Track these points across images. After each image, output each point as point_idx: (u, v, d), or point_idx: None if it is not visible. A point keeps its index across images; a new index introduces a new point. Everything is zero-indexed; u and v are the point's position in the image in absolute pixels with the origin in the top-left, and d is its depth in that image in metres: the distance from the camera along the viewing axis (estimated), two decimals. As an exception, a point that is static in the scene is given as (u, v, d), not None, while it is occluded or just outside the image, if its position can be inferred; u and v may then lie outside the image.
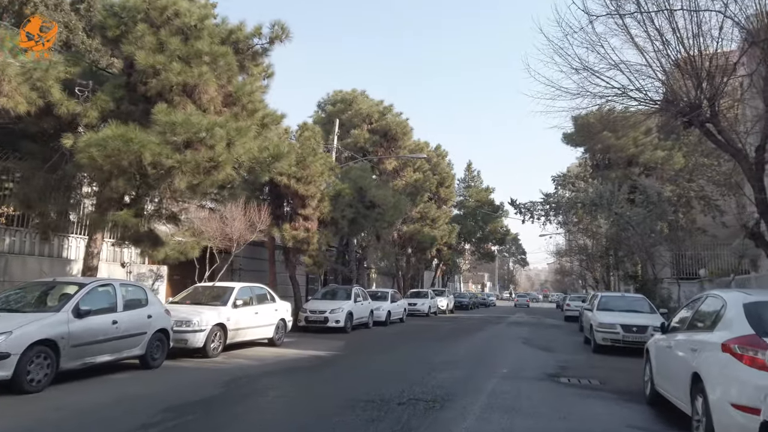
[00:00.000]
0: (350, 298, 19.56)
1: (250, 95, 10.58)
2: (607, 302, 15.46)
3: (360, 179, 19.64)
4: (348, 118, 26.22)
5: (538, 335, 19.66)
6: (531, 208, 36.48)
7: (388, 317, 22.91)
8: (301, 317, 18.56)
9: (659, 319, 13.93)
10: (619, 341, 13.41)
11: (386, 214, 19.57)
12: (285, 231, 16.94)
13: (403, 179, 31.50)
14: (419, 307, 30.76)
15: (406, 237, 32.68)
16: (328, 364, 10.98)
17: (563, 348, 15.16)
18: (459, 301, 42.83)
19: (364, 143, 25.88)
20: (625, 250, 33.33)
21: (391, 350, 14.05)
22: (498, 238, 45.16)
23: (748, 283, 16.30)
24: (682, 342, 5.88)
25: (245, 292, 13.00)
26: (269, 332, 13.56)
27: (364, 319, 20.55)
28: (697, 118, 8.93)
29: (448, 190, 36.70)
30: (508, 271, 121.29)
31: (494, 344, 15.92)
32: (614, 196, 30.01)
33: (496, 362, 11.66)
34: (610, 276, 38.07)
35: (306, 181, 16.63)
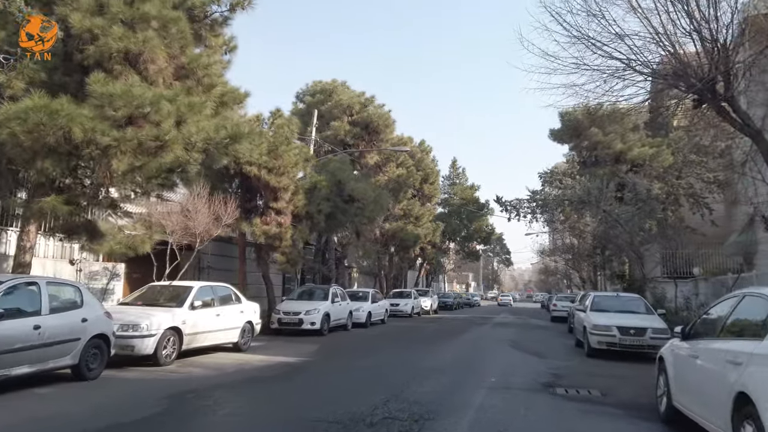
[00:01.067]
0: (327, 299, 18.33)
1: (207, 68, 9.31)
2: (601, 302, 14.43)
3: (338, 172, 18.41)
4: (328, 110, 24.95)
5: (526, 337, 18.61)
6: (517, 205, 35.59)
7: (369, 318, 21.72)
8: (274, 319, 17.30)
9: (658, 320, 12.95)
10: (615, 345, 12.37)
11: (366, 209, 18.36)
12: (255, 226, 15.64)
13: (386, 175, 30.32)
14: (402, 307, 29.61)
15: (388, 235, 31.49)
16: (296, 373, 9.75)
17: (554, 352, 14.09)
18: (443, 301, 41.79)
19: (345, 136, 24.64)
20: (612, 248, 32.58)
21: (368, 355, 12.86)
22: (483, 236, 44.18)
23: (751, 282, 15.42)
24: (716, 352, 4.78)
25: (205, 292, 11.71)
26: (234, 336, 12.27)
27: (343, 320, 19.34)
28: (710, 95, 7.90)
29: (432, 187, 35.58)
30: (492, 270, 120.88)
31: (480, 348, 14.81)
32: (602, 193, 29.20)
33: (483, 369, 10.53)
34: (597, 275, 37.30)
35: (278, 172, 15.36)
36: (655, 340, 12.21)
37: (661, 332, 12.30)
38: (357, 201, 18.12)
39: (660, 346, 12.89)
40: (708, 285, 18.80)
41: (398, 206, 31.48)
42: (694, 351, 5.24)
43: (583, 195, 30.06)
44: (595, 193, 29.13)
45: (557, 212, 34.22)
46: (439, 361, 11.62)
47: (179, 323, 10.34)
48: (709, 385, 4.77)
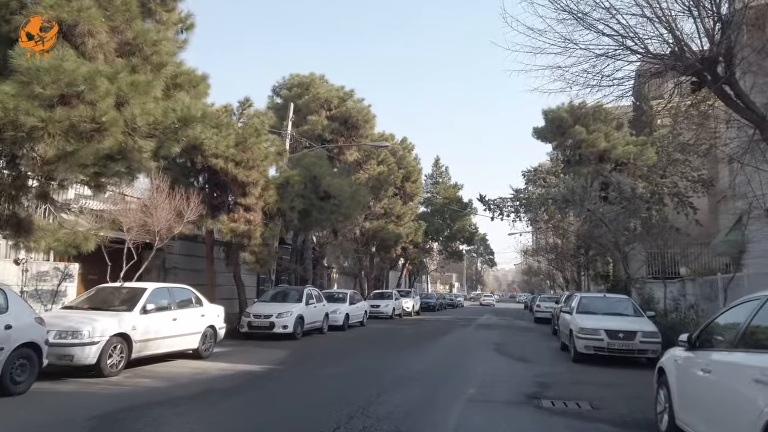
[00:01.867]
0: (301, 301, 17.38)
1: (155, 45, 8.32)
2: (588, 304, 13.71)
3: (313, 167, 17.47)
4: (305, 104, 23.96)
5: (510, 340, 17.86)
6: (500, 204, 34.96)
7: (347, 321, 20.81)
8: (243, 323, 16.33)
9: (647, 323, 12.25)
10: (603, 349, 11.63)
11: (343, 206, 17.43)
12: (222, 223, 14.64)
13: (366, 172, 29.44)
14: (382, 309, 28.76)
15: (369, 234, 30.60)
16: (256, 384, 8.81)
17: (539, 356, 13.32)
18: (425, 302, 41.00)
19: (322, 131, 23.67)
20: (596, 248, 32.09)
21: (341, 362, 11.95)
22: (466, 236, 43.47)
23: (741, 282, 14.84)
24: (737, 367, 3.98)
25: (161, 295, 10.70)
26: (193, 342, 11.28)
27: (318, 323, 18.40)
28: (711, 77, 7.17)
29: (414, 186, 34.75)
30: (476, 271, 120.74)
31: (461, 352, 13.99)
32: (586, 192, 28.65)
33: (463, 377, 9.69)
34: (581, 276, 36.82)
35: (247, 166, 14.37)
36: (646, 344, 11.54)
37: (651, 336, 11.61)
38: (333, 198, 17.19)
39: (650, 351, 12.26)
40: (696, 285, 18.22)
41: (379, 205, 30.60)
42: (706, 364, 4.44)
43: (567, 194, 29.50)
44: (579, 192, 28.56)
45: (541, 211, 33.64)
46: (415, 367, 10.76)
47: (128, 329, 9.33)
48: (727, 406, 3.97)
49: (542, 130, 36.48)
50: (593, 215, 27.50)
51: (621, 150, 32.98)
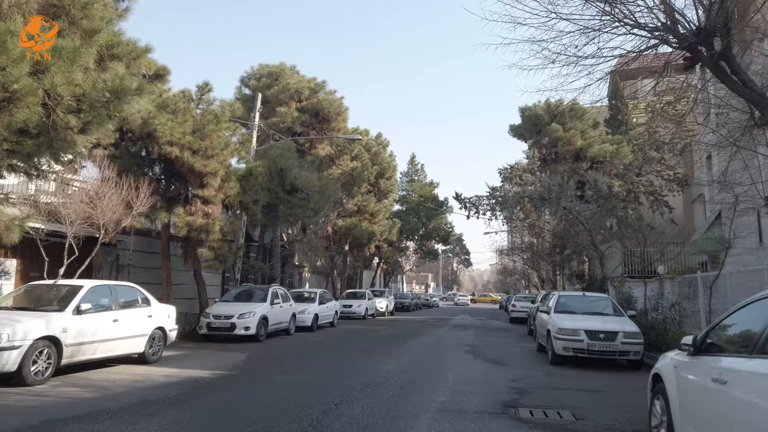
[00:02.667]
0: (266, 301, 16.39)
1: (86, 8, 7.29)
2: (567, 303, 13.03)
3: (280, 159, 16.48)
4: (274, 95, 22.89)
5: (485, 341, 17.14)
6: (476, 202, 34.30)
7: (315, 321, 19.87)
8: (203, 324, 15.27)
9: (629, 323, 11.62)
10: (583, 351, 10.94)
11: (311, 200, 16.47)
12: (178, 216, 13.55)
13: (339, 167, 28.49)
14: (355, 309, 27.87)
15: (341, 232, 29.65)
16: (200, 394, 7.83)
17: (515, 359, 12.59)
18: (400, 302, 40.22)
19: (292, 123, 22.63)
20: (572, 247, 31.73)
21: (303, 366, 11.03)
22: (442, 235, 42.81)
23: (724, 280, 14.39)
24: (760, 377, 3.20)
25: (100, 294, 9.64)
26: (139, 346, 10.24)
27: (284, 324, 17.43)
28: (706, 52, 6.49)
29: (389, 183, 33.89)
30: (452, 271, 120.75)
31: (434, 355, 13.18)
32: (563, 190, 28.23)
33: (433, 383, 8.87)
34: (556, 275, 36.47)
35: (205, 155, 13.33)
36: (627, 345, 10.89)
37: (633, 336, 10.98)
38: (301, 191, 16.22)
39: (631, 352, 11.58)
40: (674, 284, 17.79)
41: (352, 201, 29.68)
42: (719, 373, 3.67)
43: (544, 191, 29.05)
44: (555, 190, 28.12)
45: (517, 210, 33.13)
46: (383, 372, 9.90)
47: (57, 332, 8.27)
48: (748, 424, 3.19)
49: (519, 128, 36.07)
50: (569, 213, 27.10)
51: (597, 148, 32.76)
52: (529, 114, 35.00)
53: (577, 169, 32.56)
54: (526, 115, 35.22)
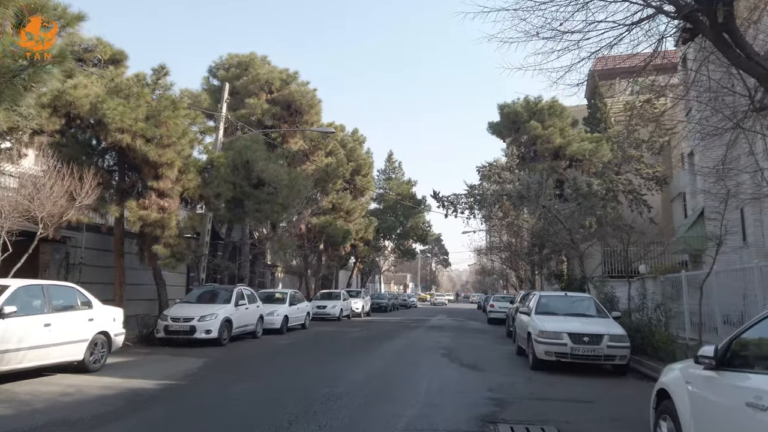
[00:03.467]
0: (230, 302, 15.37)
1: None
2: (548, 303, 12.29)
3: (246, 150, 15.46)
4: (243, 85, 21.80)
5: (462, 343, 16.35)
6: (454, 201, 33.68)
7: (285, 323, 18.87)
8: (160, 326, 14.18)
9: (614, 325, 10.91)
10: (566, 355, 10.19)
11: (279, 195, 15.48)
12: (130, 209, 12.45)
13: (314, 163, 27.51)
14: (329, 310, 26.91)
15: (316, 230, 28.64)
16: (134, 411, 6.82)
17: (493, 363, 11.80)
18: (377, 302, 39.35)
19: (262, 115, 21.57)
20: (551, 246, 31.30)
21: (264, 374, 10.07)
22: (419, 234, 42.05)
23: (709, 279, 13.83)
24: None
25: (30, 294, 8.55)
26: (77, 352, 9.17)
27: (251, 327, 16.41)
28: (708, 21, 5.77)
29: (365, 180, 32.99)
30: (430, 271, 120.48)
31: (407, 359, 12.32)
32: (542, 188, 27.71)
33: (404, 393, 8.00)
34: (535, 275, 35.99)
35: (160, 143, 12.25)
36: (613, 349, 10.17)
37: (619, 340, 10.26)
38: (268, 185, 15.22)
39: (617, 357, 10.78)
40: (657, 284, 17.26)
41: (326, 199, 28.71)
42: (758, 396, 2.87)
43: (523, 189, 28.50)
44: (534, 188, 27.57)
45: (495, 208, 32.55)
46: (351, 380, 9.01)
47: (-29, 339, 7.19)
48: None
49: (497, 125, 35.48)
50: (548, 212, 26.60)
51: (576, 146, 32.34)
52: (508, 111, 34.44)
53: (556, 167, 32.11)
54: (504, 112, 34.66)
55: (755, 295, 12.52)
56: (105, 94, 12.12)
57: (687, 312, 14.31)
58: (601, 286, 15.22)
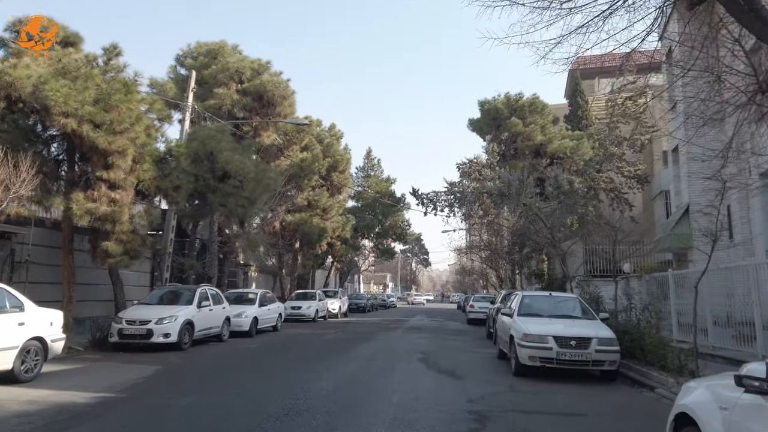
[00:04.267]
0: (192, 303, 14.31)
1: None
2: (531, 304, 11.50)
3: (210, 141, 14.40)
4: (212, 74, 20.65)
5: (441, 346, 15.53)
6: (434, 198, 32.91)
7: (255, 326, 17.84)
8: (113, 330, 13.06)
9: (602, 327, 10.16)
10: (551, 360, 9.39)
11: (245, 189, 14.44)
12: (76, 202, 11.30)
13: (288, 158, 26.45)
14: (304, 311, 25.89)
15: (290, 228, 27.58)
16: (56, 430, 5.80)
17: (474, 369, 10.97)
18: (355, 302, 38.44)
19: (232, 106, 20.45)
20: (531, 245, 30.74)
21: (217, 384, 9.06)
22: (398, 233, 41.16)
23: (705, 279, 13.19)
24: None
25: (-58, 296, 7.45)
26: (5, 361, 8.07)
27: (215, 329, 15.36)
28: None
29: (342, 176, 31.99)
30: (410, 271, 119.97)
31: (381, 365, 11.41)
32: (523, 185, 27.11)
33: (372, 406, 7.10)
34: (515, 274, 35.42)
35: (111, 130, 11.14)
36: (602, 353, 9.40)
37: (608, 343, 9.50)
38: (233, 178, 14.18)
39: (606, 362, 9.70)
40: (642, 283, 16.66)
41: (302, 195, 27.67)
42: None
43: (504, 187, 27.86)
44: (515, 185, 26.95)
45: (476, 206, 31.86)
46: (316, 390, 8.07)
47: None
48: None
49: (478, 122, 34.83)
50: (529, 210, 26.00)
51: (557, 144, 31.82)
52: (489, 108, 33.81)
53: (537, 165, 31.58)
54: (485, 108, 34.02)
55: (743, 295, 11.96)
56: (50, 75, 10.97)
57: (674, 312, 13.69)
58: (585, 286, 14.50)
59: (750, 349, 10.90)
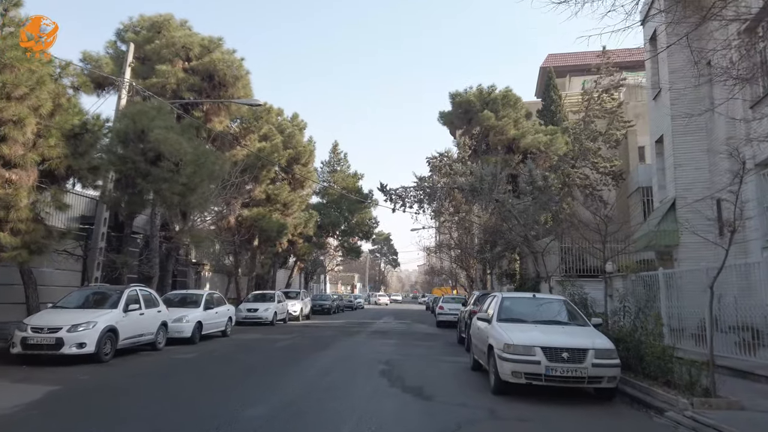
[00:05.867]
0: (117, 306, 12.21)
1: None
2: (512, 308, 9.82)
3: (142, 117, 12.32)
4: (155, 50, 18.42)
5: (407, 354, 13.80)
6: (403, 194, 31.21)
7: (198, 331, 15.78)
8: (17, 339, 10.89)
9: (598, 336, 8.57)
10: (539, 377, 7.73)
11: (182, 173, 12.40)
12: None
13: (245, 148, 24.33)
14: (261, 313, 23.84)
15: (247, 224, 25.46)
16: None
17: (446, 385, 9.25)
18: (319, 304, 36.45)
19: (177, 86, 18.26)
20: (503, 243, 29.34)
21: (119, 411, 7.08)
22: (365, 231, 39.28)
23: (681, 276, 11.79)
24: None
25: None
26: None
27: (148, 336, 13.28)
28: None
29: (305, 170, 29.97)
30: (379, 272, 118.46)
31: (335, 380, 9.59)
32: (496, 180, 25.64)
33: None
34: (486, 274, 34.04)
35: (3, 94, 9.01)
36: (600, 368, 7.78)
37: (607, 356, 7.90)
38: (167, 160, 12.12)
39: (605, 378, 7.28)
40: (627, 283, 15.27)
41: (259, 188, 25.58)
42: None
43: (476, 182, 26.36)
44: (488, 180, 25.47)
45: (446, 202, 30.32)
46: (245, 421, 6.22)
47: None
48: None
49: (449, 115, 33.29)
50: (502, 206, 24.54)
51: (531, 138, 30.51)
52: (460, 100, 32.31)
53: (509, 161, 30.25)
54: (456, 101, 32.52)
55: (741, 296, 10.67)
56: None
57: (665, 316, 12.32)
58: (569, 286, 12.96)
59: (755, 359, 9.58)
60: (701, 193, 15.66)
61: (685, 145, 16.33)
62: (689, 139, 16.30)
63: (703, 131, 16.26)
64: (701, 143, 16.17)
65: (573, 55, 46.33)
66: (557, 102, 35.03)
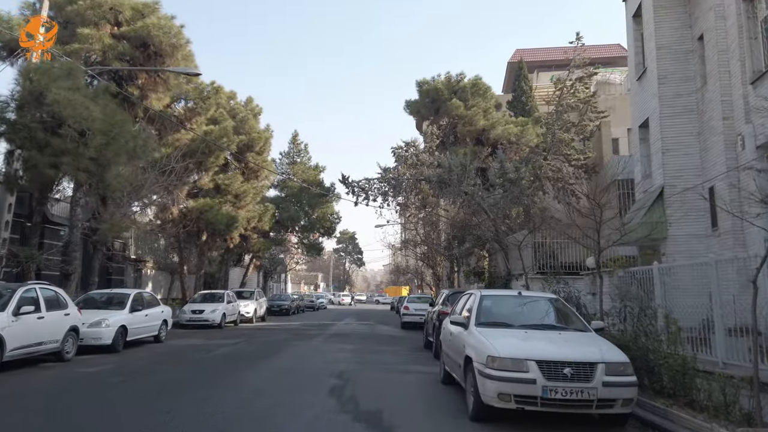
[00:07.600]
0: (5, 309, 9.83)
1: None
2: (494, 308, 7.93)
3: (42, 77, 9.94)
4: (78, 12, 15.85)
5: (367, 362, 11.81)
6: (366, 187, 29.25)
7: (122, 337, 13.43)
8: None
9: (605, 344, 6.75)
10: (535, 400, 5.86)
11: (91, 144, 10.08)
12: None
13: (190, 132, 21.88)
14: (207, 315, 21.48)
15: (193, 216, 23.00)
16: None
17: (411, 409, 7.28)
18: (277, 304, 34.14)
19: (104, 53, 15.77)
20: (472, 240, 27.69)
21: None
22: (327, 226, 37.08)
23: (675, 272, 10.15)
24: None
25: None
26: None
27: (50, 345, 10.93)
28: None
29: (260, 158, 27.60)
30: (344, 271, 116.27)
31: (269, 403, 7.50)
32: (465, 171, 23.95)
33: None
34: (454, 272, 32.38)
35: None
36: (613, 388, 5.95)
37: (620, 372, 6.07)
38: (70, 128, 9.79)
39: (620, 400, 4.93)
40: (614, 280, 13.65)
41: (207, 176, 23.16)
42: None
43: (444, 173, 24.63)
44: (457, 171, 23.74)
45: (412, 195, 28.50)
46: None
47: None
48: None
49: (416, 104, 31.46)
50: (472, 199, 22.85)
51: (501, 129, 28.99)
52: (428, 88, 30.55)
53: (479, 153, 28.67)
54: (424, 89, 30.74)
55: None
56: None
57: (661, 316, 10.73)
58: (554, 283, 11.22)
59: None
60: (692, 181, 14.25)
61: (674, 128, 14.88)
62: (678, 121, 14.87)
63: (693, 113, 14.84)
64: (691, 125, 14.74)
65: (541, 50, 45.27)
66: (528, 93, 33.67)
